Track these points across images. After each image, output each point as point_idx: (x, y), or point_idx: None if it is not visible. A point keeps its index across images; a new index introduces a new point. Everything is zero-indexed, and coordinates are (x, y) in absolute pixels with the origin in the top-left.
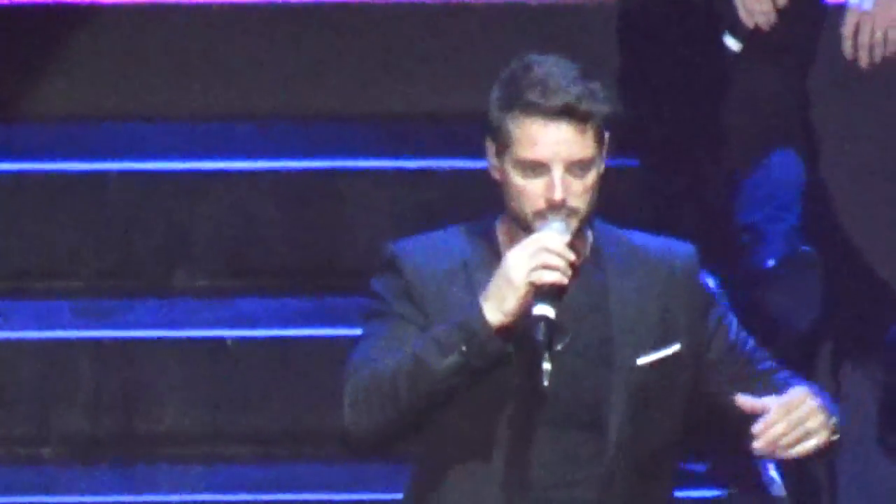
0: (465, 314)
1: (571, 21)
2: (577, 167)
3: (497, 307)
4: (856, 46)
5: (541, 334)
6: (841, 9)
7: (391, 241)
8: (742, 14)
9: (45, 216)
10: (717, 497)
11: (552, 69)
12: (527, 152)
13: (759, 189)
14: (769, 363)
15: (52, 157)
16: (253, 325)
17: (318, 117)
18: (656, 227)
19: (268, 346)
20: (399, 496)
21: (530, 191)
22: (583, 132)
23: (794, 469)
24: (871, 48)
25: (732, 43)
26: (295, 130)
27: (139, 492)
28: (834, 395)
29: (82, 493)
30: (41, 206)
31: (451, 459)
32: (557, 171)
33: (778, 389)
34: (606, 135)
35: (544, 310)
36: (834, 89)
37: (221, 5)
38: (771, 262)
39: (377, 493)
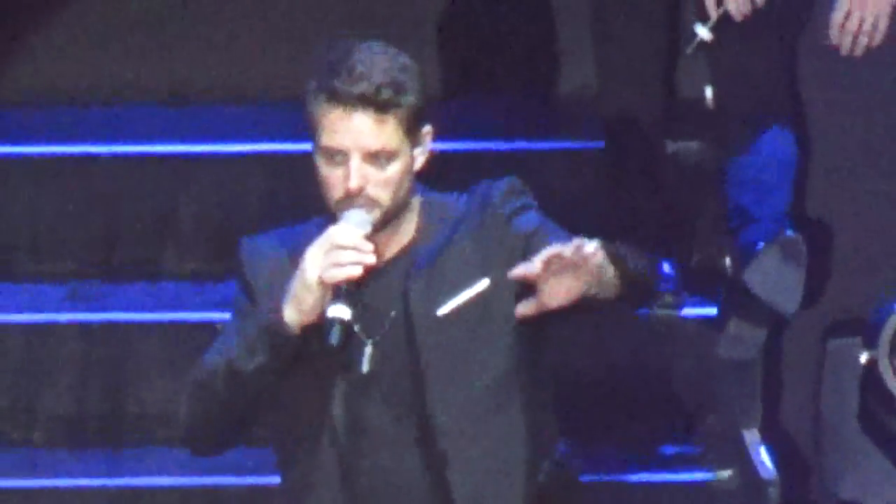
0: (267, 314)
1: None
2: (377, 157)
3: (296, 308)
4: (842, 31)
5: (334, 337)
6: None
7: (241, 238)
8: (710, 4)
9: (31, 199)
10: (706, 480)
11: (364, 56)
12: (328, 139)
13: (748, 171)
14: None
15: (39, 141)
16: None
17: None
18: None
19: None
20: None
21: (332, 179)
22: (383, 122)
23: (784, 452)
24: (858, 36)
25: (703, 32)
26: (283, 112)
27: (127, 474)
28: (816, 378)
29: (70, 476)
30: (28, 189)
31: (295, 448)
32: (354, 160)
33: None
34: (426, 127)
35: (339, 310)
36: (826, 69)
37: None
38: (761, 245)
39: None
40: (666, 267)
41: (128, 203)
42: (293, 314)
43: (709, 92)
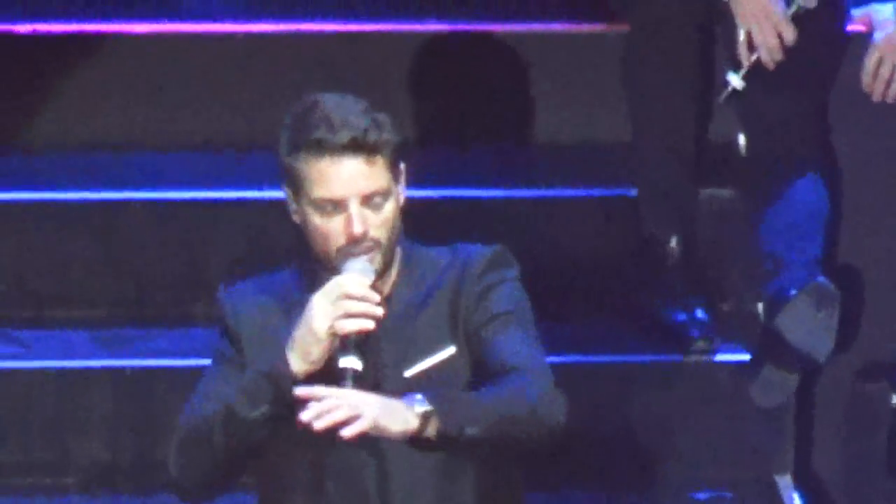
0: (271, 363)
1: (579, 49)
2: (373, 200)
3: (302, 357)
4: (875, 78)
5: (349, 385)
6: (865, 36)
7: (221, 288)
8: (742, 51)
9: (63, 245)
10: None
11: (335, 106)
12: (321, 191)
13: (779, 218)
14: (511, 355)
15: (70, 186)
16: None
17: None
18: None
19: None
20: None
21: (330, 229)
22: (373, 164)
23: (816, 497)
24: (890, 83)
25: (735, 80)
26: None
27: None
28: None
29: None
30: (59, 235)
31: (283, 493)
32: (354, 206)
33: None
34: (402, 165)
35: (351, 362)
36: (858, 115)
37: (236, 35)
38: (793, 292)
39: None
40: (699, 313)
41: (158, 249)
42: (299, 363)
43: (741, 139)
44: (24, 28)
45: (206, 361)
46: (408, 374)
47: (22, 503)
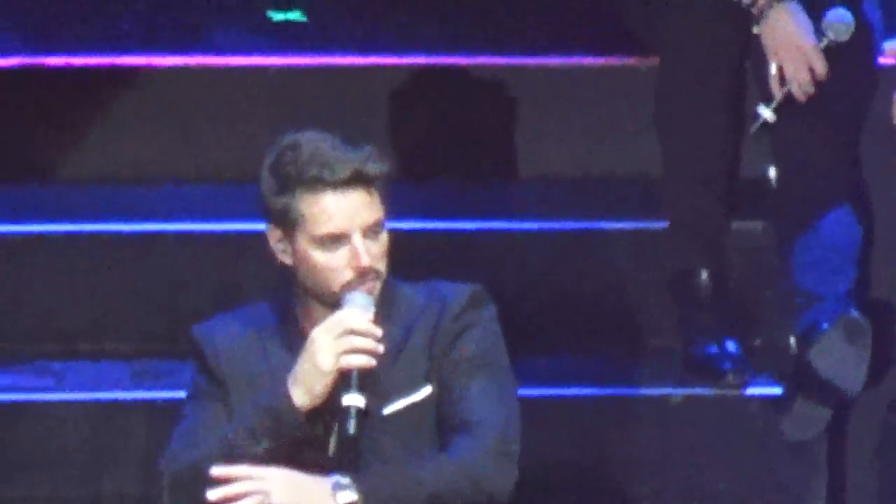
0: (273, 398)
1: (610, 82)
2: (371, 231)
3: (306, 392)
4: None
5: (351, 428)
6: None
7: (194, 325)
8: (773, 84)
9: (94, 277)
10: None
11: (321, 143)
12: (323, 227)
13: (811, 251)
14: (468, 408)
15: (101, 219)
16: None
17: None
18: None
19: None
20: None
21: (333, 264)
22: (372, 195)
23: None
24: None
25: (767, 114)
26: None
27: None
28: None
29: None
30: (90, 267)
31: None
32: (358, 239)
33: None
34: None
35: (354, 399)
36: (889, 148)
37: (266, 68)
38: (825, 326)
39: None
40: (730, 346)
41: (190, 281)
42: (302, 398)
43: (772, 172)
44: (54, 61)
45: None
46: (386, 411)
47: None
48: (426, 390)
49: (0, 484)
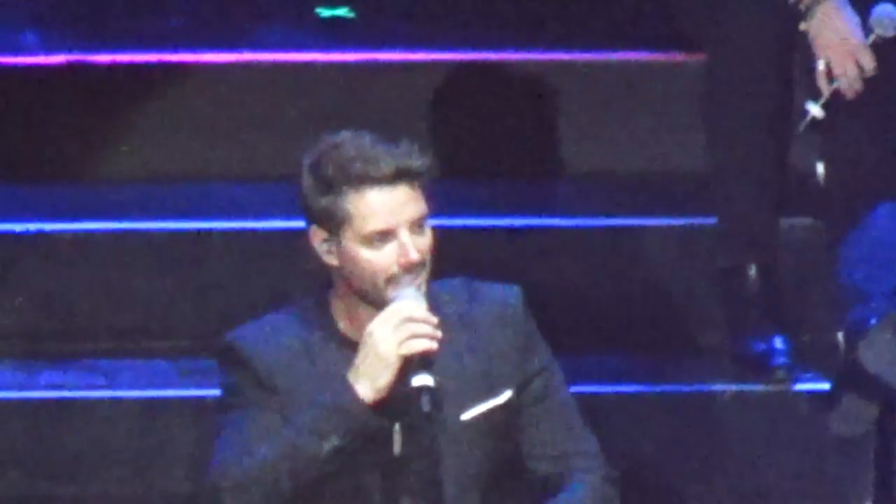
0: (336, 396)
1: (658, 78)
2: (417, 225)
3: (370, 385)
4: None
5: (426, 405)
6: None
7: (227, 333)
8: (821, 81)
9: (144, 276)
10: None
11: (360, 141)
12: (371, 224)
13: (859, 247)
14: (566, 446)
15: (151, 218)
16: None
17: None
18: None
19: None
20: None
21: (381, 260)
22: (416, 189)
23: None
24: None
25: (815, 110)
26: None
27: None
28: None
29: None
30: (140, 266)
31: None
32: (405, 234)
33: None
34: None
35: (424, 380)
36: None
37: (314, 64)
38: (873, 322)
39: None
40: (779, 343)
41: (239, 279)
42: (367, 391)
43: (820, 168)
44: (101, 59)
45: None
46: (465, 417)
47: None
48: (506, 395)
49: (49, 481)
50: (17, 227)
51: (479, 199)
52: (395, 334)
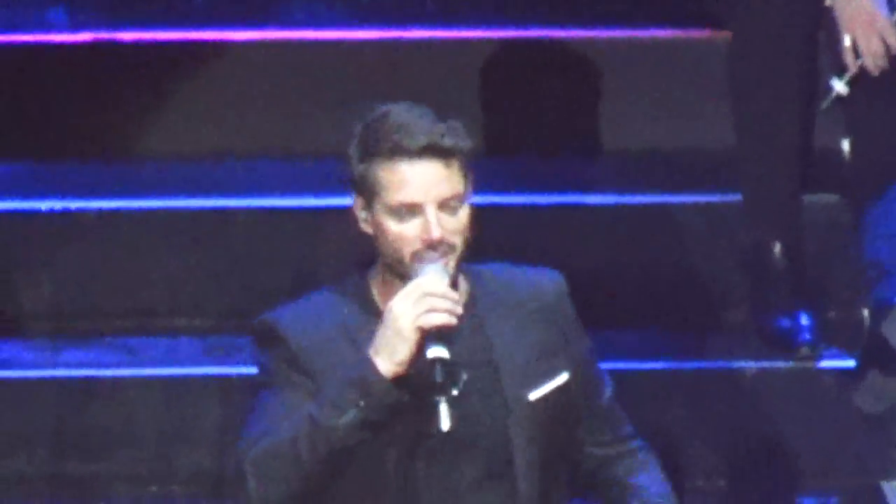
0: (356, 370)
1: (683, 55)
2: (448, 204)
3: (388, 358)
4: None
5: (439, 376)
6: None
7: (266, 313)
8: (846, 57)
9: (170, 253)
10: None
11: (408, 114)
12: (398, 195)
13: (884, 224)
14: (619, 428)
15: (176, 195)
16: None
17: None
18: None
19: None
20: None
21: (406, 234)
22: (449, 168)
23: None
24: None
25: (839, 86)
26: None
27: None
28: None
29: None
30: (165, 243)
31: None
32: (431, 210)
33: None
34: (469, 173)
35: (438, 351)
36: None
37: (342, 42)
38: None
39: None
40: (804, 319)
41: (264, 257)
42: (386, 364)
43: (845, 145)
44: (128, 36)
45: None
46: (532, 397)
47: None
48: (563, 377)
49: (75, 459)
50: (43, 206)
51: (503, 176)
52: (414, 308)
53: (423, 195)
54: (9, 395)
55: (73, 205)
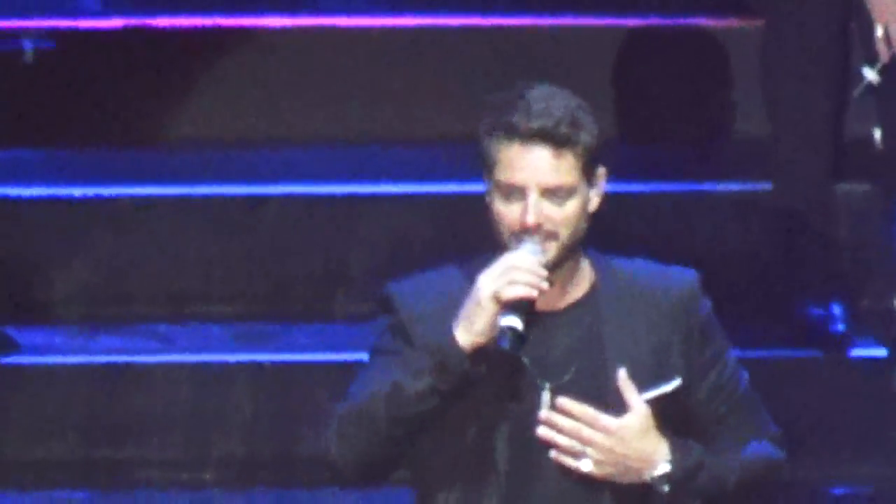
0: (438, 336)
1: (715, 43)
2: (555, 194)
3: (467, 328)
4: None
5: (506, 342)
6: None
7: (389, 282)
8: (879, 46)
9: (204, 240)
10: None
11: (540, 94)
12: (505, 175)
13: None
14: (750, 425)
15: (211, 182)
16: None
17: (473, 140)
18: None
19: None
20: None
21: (508, 214)
22: (560, 158)
23: None
24: None
25: (871, 75)
26: (451, 153)
27: None
28: None
29: None
30: (198, 230)
31: (450, 488)
32: (532, 196)
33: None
34: (600, 169)
35: (511, 320)
36: None
37: (375, 29)
38: None
39: None
40: (836, 308)
41: (297, 244)
42: (464, 335)
43: (877, 134)
44: (161, 22)
45: (345, 356)
46: (643, 399)
47: (160, 498)
48: (675, 383)
49: (107, 445)
50: (76, 192)
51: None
52: (497, 280)
53: (527, 179)
54: (41, 380)
55: (107, 191)
